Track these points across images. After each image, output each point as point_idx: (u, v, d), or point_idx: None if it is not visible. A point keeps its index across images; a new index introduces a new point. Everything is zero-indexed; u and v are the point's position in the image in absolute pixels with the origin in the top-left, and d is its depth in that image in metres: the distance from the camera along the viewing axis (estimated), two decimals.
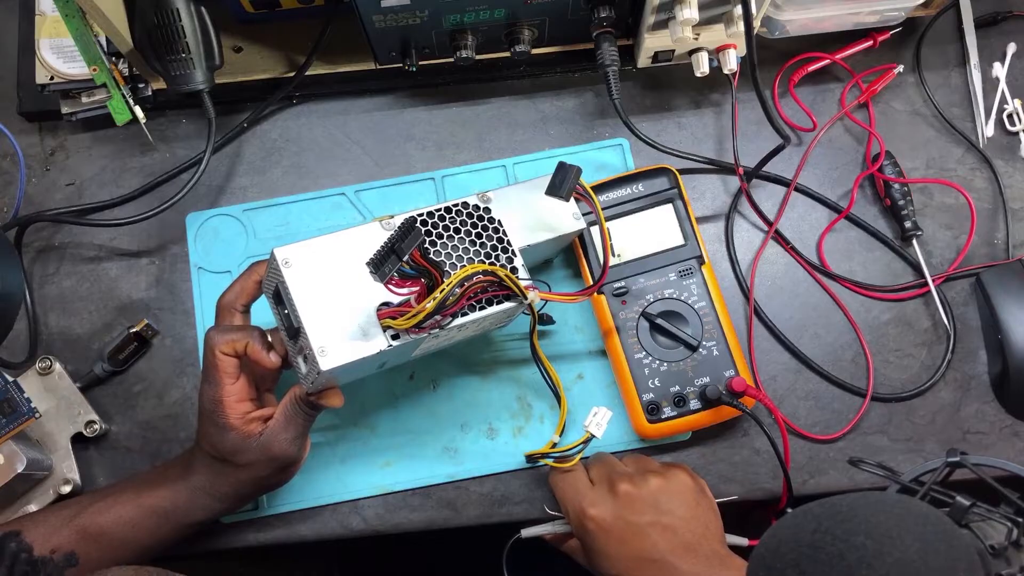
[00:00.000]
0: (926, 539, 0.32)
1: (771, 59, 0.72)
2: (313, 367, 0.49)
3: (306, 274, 0.50)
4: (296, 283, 0.50)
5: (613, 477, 0.56)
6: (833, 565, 0.32)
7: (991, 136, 0.71)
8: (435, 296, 0.49)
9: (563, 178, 0.55)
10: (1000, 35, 0.74)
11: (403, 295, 0.50)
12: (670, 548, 0.53)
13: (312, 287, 0.50)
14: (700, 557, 0.53)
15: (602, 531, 0.55)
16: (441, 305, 0.49)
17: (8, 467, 0.57)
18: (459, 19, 0.62)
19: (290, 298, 0.50)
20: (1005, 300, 0.65)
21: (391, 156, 0.70)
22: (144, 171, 0.70)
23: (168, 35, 0.61)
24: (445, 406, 0.64)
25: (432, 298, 0.49)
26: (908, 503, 0.35)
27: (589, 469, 0.59)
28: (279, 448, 0.54)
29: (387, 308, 0.51)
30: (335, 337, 0.49)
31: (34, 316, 0.66)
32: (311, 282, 0.50)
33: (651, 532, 0.54)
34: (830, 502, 0.35)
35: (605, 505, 0.55)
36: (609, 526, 0.55)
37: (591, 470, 0.59)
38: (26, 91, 0.68)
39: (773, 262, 0.69)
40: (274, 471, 0.55)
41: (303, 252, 0.51)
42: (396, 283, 0.49)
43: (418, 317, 0.49)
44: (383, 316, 0.50)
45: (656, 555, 0.53)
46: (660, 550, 0.53)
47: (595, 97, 0.72)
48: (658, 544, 0.53)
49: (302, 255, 0.51)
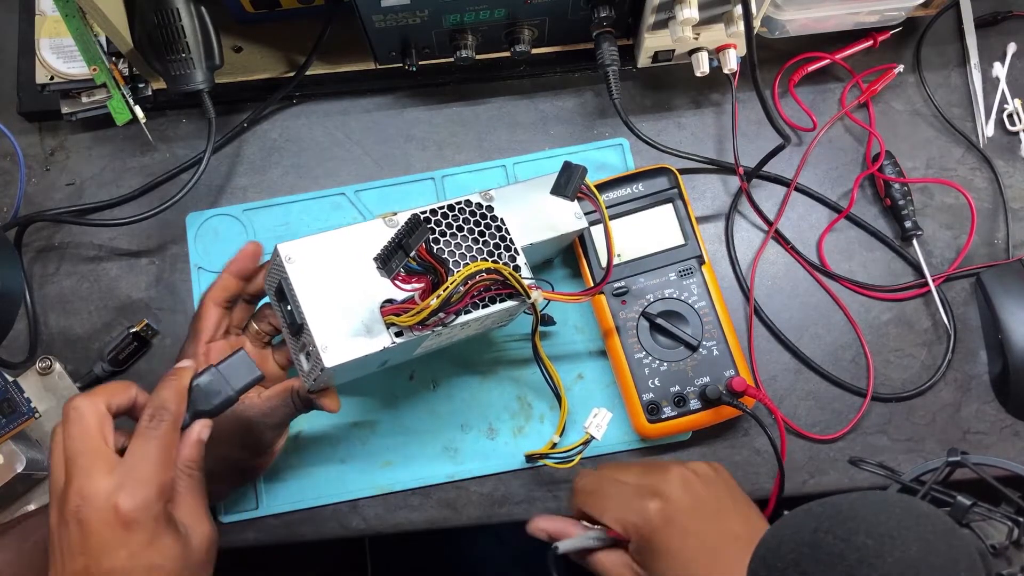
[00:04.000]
0: (927, 539, 0.32)
1: (771, 59, 0.72)
2: (316, 364, 0.49)
3: (309, 270, 0.50)
4: (299, 279, 0.49)
5: (650, 467, 0.54)
6: (834, 564, 0.32)
7: (991, 136, 0.71)
8: (439, 293, 0.49)
9: (568, 178, 0.55)
10: (1000, 35, 0.74)
11: (409, 291, 0.50)
12: (746, 520, 0.50)
13: (315, 284, 0.50)
14: None
15: (679, 515, 0.50)
16: (445, 302, 0.49)
17: (7, 467, 0.57)
18: (459, 19, 0.62)
19: (293, 294, 0.49)
20: (1005, 300, 0.65)
21: (391, 156, 0.70)
22: (144, 171, 0.70)
23: (168, 35, 0.61)
24: (445, 406, 0.64)
25: (436, 295, 0.49)
26: (909, 503, 0.35)
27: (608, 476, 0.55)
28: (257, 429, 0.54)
29: (391, 305, 0.51)
30: (338, 334, 0.49)
31: (34, 316, 0.66)
32: (314, 279, 0.50)
33: (728, 504, 0.51)
34: (831, 501, 0.35)
35: (670, 490, 0.51)
36: (686, 507, 0.51)
37: (614, 474, 0.55)
38: (26, 91, 0.68)
39: (773, 262, 0.69)
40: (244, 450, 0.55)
41: (307, 248, 0.50)
42: (402, 279, 0.49)
43: (422, 314, 0.49)
44: (387, 313, 0.50)
45: (740, 531, 0.50)
46: (741, 525, 0.50)
47: (595, 97, 0.72)
48: (736, 519, 0.50)
49: (305, 251, 0.50)
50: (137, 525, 0.42)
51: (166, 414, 0.45)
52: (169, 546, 0.44)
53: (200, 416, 0.48)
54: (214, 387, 0.49)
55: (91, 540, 0.42)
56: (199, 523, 0.46)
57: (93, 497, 0.42)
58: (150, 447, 0.44)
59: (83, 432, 0.44)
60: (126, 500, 0.42)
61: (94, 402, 0.45)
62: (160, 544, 0.43)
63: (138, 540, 0.42)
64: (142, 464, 0.44)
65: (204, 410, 0.48)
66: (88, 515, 0.42)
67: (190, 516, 0.46)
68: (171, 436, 0.45)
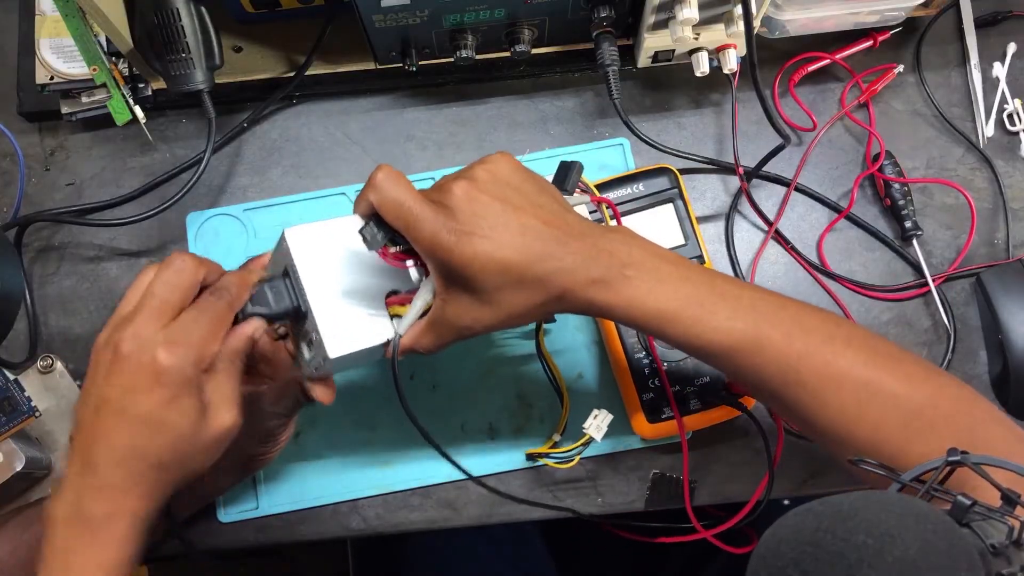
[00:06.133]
0: (927, 538, 0.32)
1: (771, 59, 0.72)
2: (319, 352, 0.48)
3: (316, 257, 0.49)
4: (305, 265, 0.48)
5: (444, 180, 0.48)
6: (834, 564, 0.32)
7: (991, 136, 0.71)
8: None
9: (566, 174, 0.55)
10: (1000, 35, 0.74)
11: (404, 268, 0.49)
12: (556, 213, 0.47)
13: (321, 271, 0.49)
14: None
15: (489, 185, 0.46)
16: None
17: (7, 465, 0.57)
18: (459, 19, 0.62)
19: (299, 281, 0.48)
20: (1005, 300, 0.65)
21: (391, 156, 0.70)
22: (144, 171, 0.70)
23: (168, 35, 0.61)
24: (445, 406, 0.64)
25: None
26: (909, 502, 0.35)
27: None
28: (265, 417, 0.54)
29: (396, 296, 0.50)
30: (343, 323, 0.48)
31: (34, 316, 0.66)
32: (320, 265, 0.49)
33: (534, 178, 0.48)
34: (831, 501, 0.35)
35: (472, 172, 0.47)
36: (492, 179, 0.46)
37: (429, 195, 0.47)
38: (26, 91, 0.68)
39: (773, 262, 0.69)
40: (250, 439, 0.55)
41: (314, 234, 0.49)
42: (395, 255, 0.48)
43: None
44: (392, 304, 0.50)
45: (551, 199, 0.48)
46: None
47: (595, 97, 0.72)
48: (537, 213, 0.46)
49: (313, 237, 0.49)
50: (166, 378, 0.44)
51: (226, 294, 0.47)
52: (185, 412, 0.45)
53: (258, 316, 0.49)
54: (280, 295, 0.49)
55: (119, 375, 0.44)
56: (223, 407, 0.47)
57: (141, 338, 0.44)
58: (203, 317, 0.46)
59: (174, 284, 0.46)
60: (165, 354, 0.44)
61: (196, 268, 0.47)
62: (178, 405, 0.44)
63: (159, 393, 0.44)
64: (191, 327, 0.45)
65: (265, 312, 0.49)
66: (129, 350, 0.44)
67: (218, 396, 0.47)
68: (224, 314, 0.47)
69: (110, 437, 0.44)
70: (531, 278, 0.46)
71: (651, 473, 0.64)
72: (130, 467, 0.44)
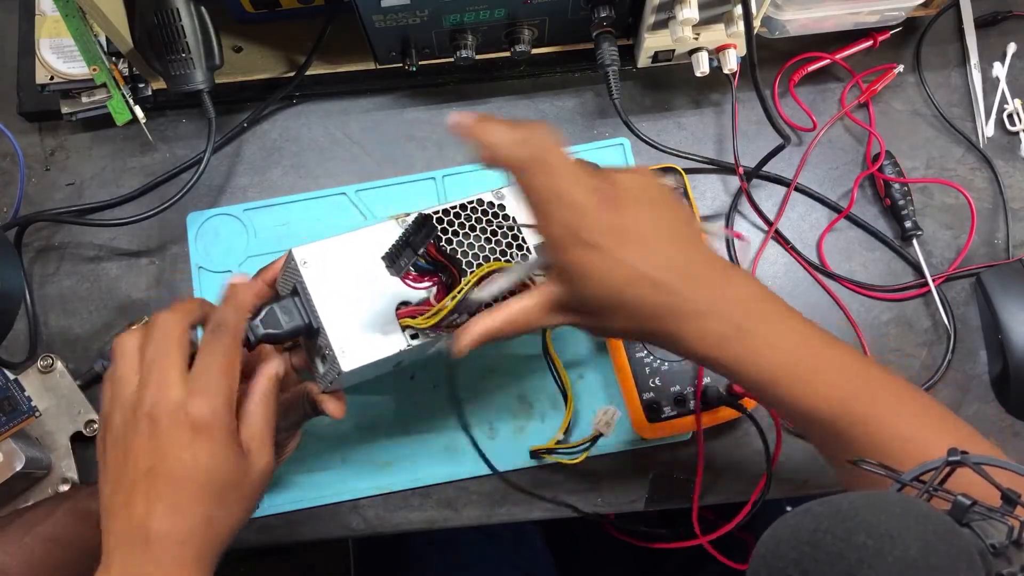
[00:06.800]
0: (927, 539, 0.32)
1: (771, 59, 0.72)
2: (332, 367, 0.49)
3: (324, 274, 0.50)
4: (315, 283, 0.49)
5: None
6: (834, 564, 0.32)
7: (991, 136, 0.71)
8: (454, 295, 0.48)
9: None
10: (1000, 35, 0.74)
11: (420, 289, 0.50)
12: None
13: (330, 287, 0.50)
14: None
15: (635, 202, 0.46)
16: (460, 304, 0.49)
17: (7, 465, 0.57)
18: (459, 19, 0.62)
19: (309, 298, 0.49)
20: (1005, 300, 0.65)
21: (391, 156, 0.70)
22: (144, 171, 0.70)
23: (168, 35, 0.61)
24: (446, 406, 0.64)
25: (451, 297, 0.48)
26: (909, 502, 0.35)
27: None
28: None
29: (406, 307, 0.50)
30: (354, 337, 0.49)
31: (34, 316, 0.66)
32: (329, 282, 0.50)
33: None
34: (831, 501, 0.35)
35: (621, 178, 0.46)
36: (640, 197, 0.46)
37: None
38: (26, 91, 0.68)
39: (773, 262, 0.69)
40: None
41: (321, 252, 0.50)
42: (413, 278, 0.49)
43: (438, 316, 0.48)
44: (402, 315, 0.50)
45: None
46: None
47: (595, 97, 0.72)
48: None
49: (320, 255, 0.50)
50: (206, 430, 0.44)
51: (225, 328, 0.47)
52: (231, 460, 0.45)
53: (269, 338, 0.49)
54: (290, 313, 0.49)
55: (160, 440, 0.43)
56: (262, 450, 0.47)
57: (167, 400, 0.44)
58: (213, 359, 0.46)
59: (166, 342, 0.46)
60: (196, 406, 0.44)
61: (179, 319, 0.47)
62: (224, 455, 0.44)
63: (204, 446, 0.44)
64: (207, 375, 0.45)
65: (277, 332, 0.49)
66: (160, 414, 0.44)
67: (255, 441, 0.47)
68: (231, 347, 0.46)
69: (173, 506, 0.43)
70: (648, 312, 0.45)
71: (651, 473, 0.64)
72: (195, 537, 0.44)
